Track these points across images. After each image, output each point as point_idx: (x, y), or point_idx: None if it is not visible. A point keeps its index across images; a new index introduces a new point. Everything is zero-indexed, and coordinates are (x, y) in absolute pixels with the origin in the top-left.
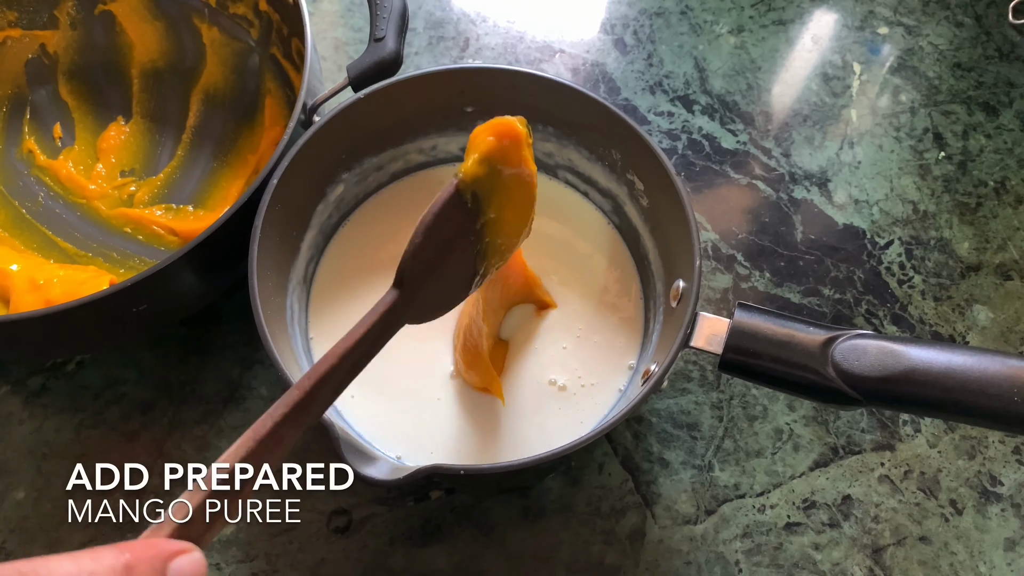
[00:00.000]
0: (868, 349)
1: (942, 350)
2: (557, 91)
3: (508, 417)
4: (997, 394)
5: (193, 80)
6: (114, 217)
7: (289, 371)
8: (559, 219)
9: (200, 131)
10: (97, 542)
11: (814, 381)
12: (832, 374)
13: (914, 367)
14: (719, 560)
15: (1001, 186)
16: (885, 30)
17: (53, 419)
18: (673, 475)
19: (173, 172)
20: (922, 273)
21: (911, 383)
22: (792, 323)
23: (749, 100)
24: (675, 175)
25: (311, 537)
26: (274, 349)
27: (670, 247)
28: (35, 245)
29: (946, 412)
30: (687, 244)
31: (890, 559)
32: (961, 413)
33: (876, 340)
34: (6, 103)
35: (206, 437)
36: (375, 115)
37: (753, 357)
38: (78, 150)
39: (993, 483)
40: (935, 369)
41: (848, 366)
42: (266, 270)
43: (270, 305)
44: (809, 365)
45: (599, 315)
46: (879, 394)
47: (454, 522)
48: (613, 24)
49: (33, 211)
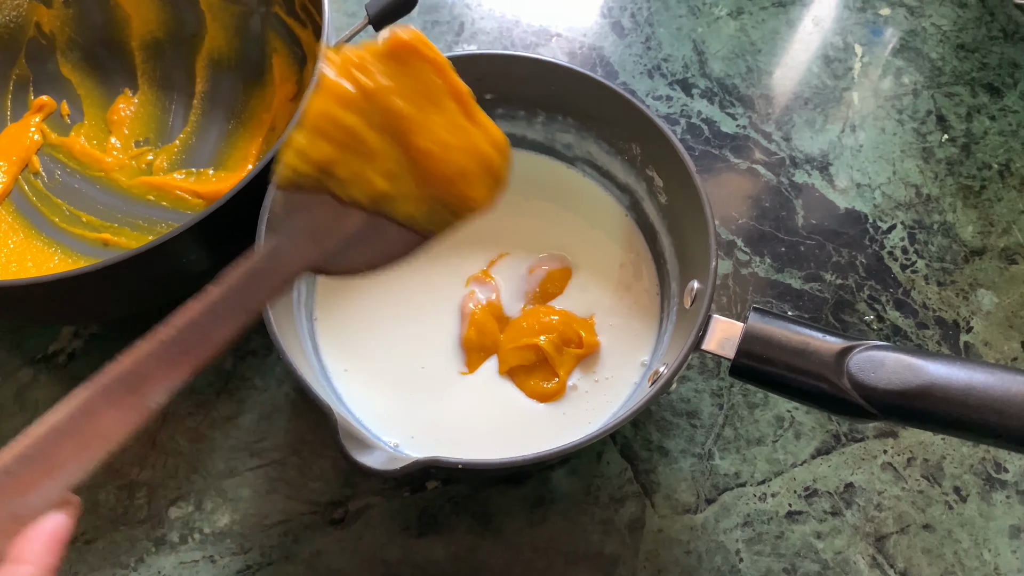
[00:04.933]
0: (885, 361)
1: (963, 366)
2: (578, 81)
3: (512, 409)
4: (1019, 415)
5: (196, 48)
6: (135, 187)
7: (291, 353)
8: (577, 209)
9: (210, 96)
10: (89, 535)
11: (828, 392)
12: (847, 385)
13: (933, 382)
14: (719, 549)
15: (1006, 168)
16: (887, 11)
17: (45, 411)
18: (673, 464)
19: (188, 138)
20: (925, 258)
21: (929, 399)
22: (807, 330)
23: (749, 83)
24: (695, 172)
25: (306, 529)
26: (277, 332)
27: (687, 246)
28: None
29: (965, 431)
30: (704, 244)
31: (893, 547)
32: (981, 433)
33: (894, 352)
34: (9, 84)
35: (199, 428)
36: None
37: (766, 364)
38: (88, 125)
39: (998, 470)
40: (955, 386)
41: (864, 378)
42: None
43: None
44: (823, 375)
45: (614, 309)
46: (895, 409)
47: (451, 512)
48: (610, 7)
49: (51, 187)
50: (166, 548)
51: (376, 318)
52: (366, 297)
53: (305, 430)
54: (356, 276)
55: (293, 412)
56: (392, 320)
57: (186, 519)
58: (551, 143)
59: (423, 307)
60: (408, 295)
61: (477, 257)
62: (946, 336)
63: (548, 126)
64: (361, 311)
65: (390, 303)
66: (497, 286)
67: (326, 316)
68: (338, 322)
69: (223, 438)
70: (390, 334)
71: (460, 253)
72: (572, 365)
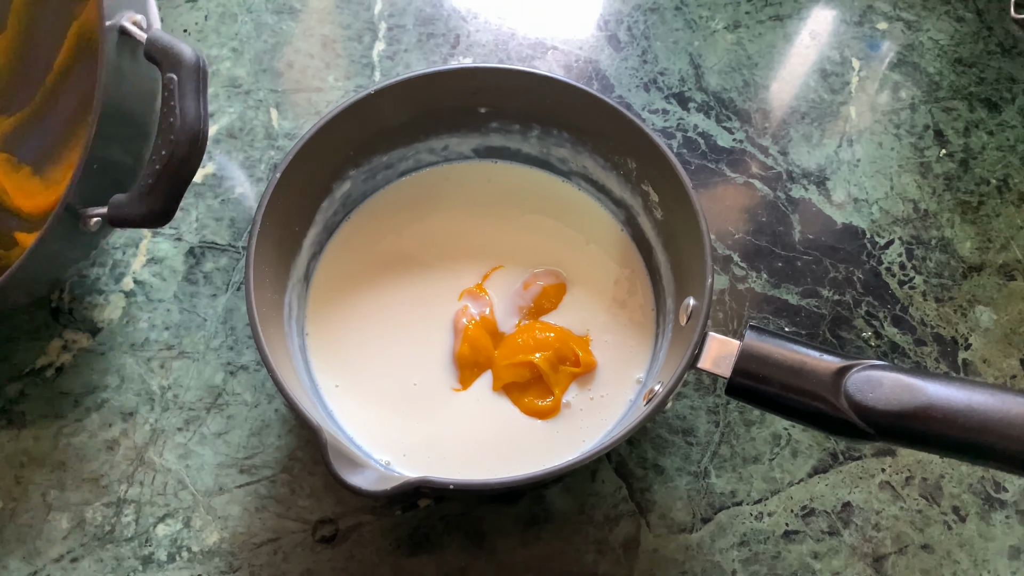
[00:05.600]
0: (883, 381)
1: (962, 387)
2: (574, 95)
3: (505, 426)
4: (1018, 437)
5: (75, 12)
6: None
7: (281, 369)
8: (572, 223)
9: (67, 78)
10: (75, 554)
11: (825, 412)
12: (844, 405)
13: (932, 403)
14: (715, 569)
15: (1004, 184)
16: (884, 25)
17: (31, 427)
18: (668, 482)
19: (26, 118)
20: (923, 273)
21: (928, 420)
22: (804, 349)
23: (745, 97)
24: (691, 188)
25: (296, 547)
26: (266, 349)
27: (682, 262)
28: None
29: (964, 454)
30: (700, 261)
31: (891, 568)
32: (980, 456)
33: (892, 372)
34: None
35: (188, 444)
36: (385, 112)
37: (762, 383)
38: None
39: (997, 489)
40: (954, 407)
41: (861, 398)
42: (264, 266)
43: (266, 303)
44: (820, 395)
45: (609, 326)
46: (893, 430)
47: (443, 531)
48: (607, 20)
49: None
50: (153, 567)
51: (368, 333)
52: (358, 312)
53: (296, 447)
54: None
55: (284, 428)
56: (384, 335)
57: (174, 537)
58: (546, 157)
59: (415, 322)
60: (400, 309)
61: (470, 270)
62: (944, 353)
63: (543, 140)
64: (353, 326)
65: (382, 318)
66: (491, 300)
67: (317, 331)
68: (329, 337)
69: (212, 455)
70: (382, 349)
71: (453, 266)
72: (567, 383)
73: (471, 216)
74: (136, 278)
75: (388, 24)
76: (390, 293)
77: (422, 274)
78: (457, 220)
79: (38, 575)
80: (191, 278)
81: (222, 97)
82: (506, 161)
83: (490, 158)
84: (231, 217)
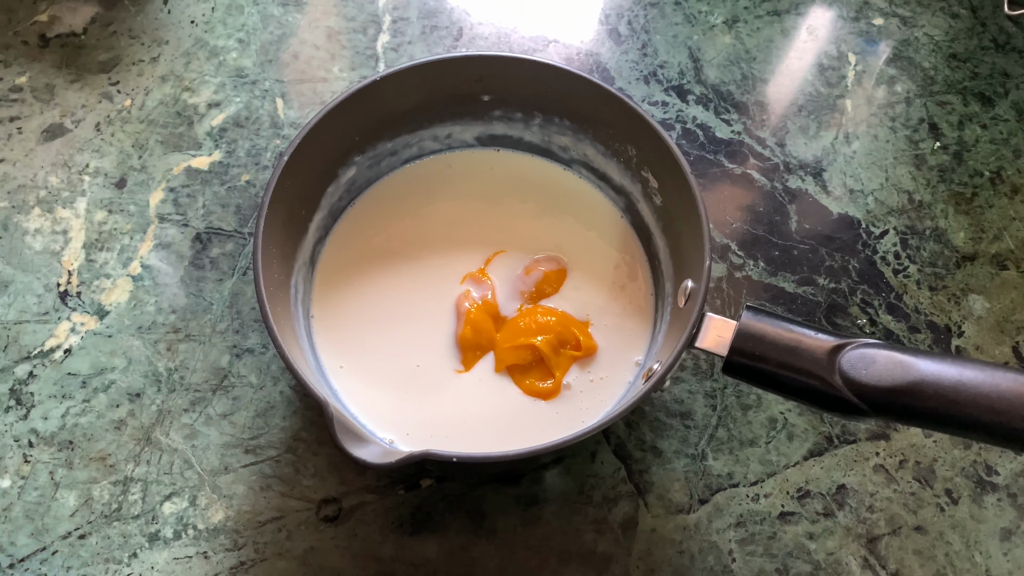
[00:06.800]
0: (876, 358)
1: (953, 363)
2: (575, 83)
3: (506, 407)
4: (1007, 411)
5: None
6: None
7: (288, 349)
8: (572, 210)
9: None
10: (82, 531)
11: (820, 389)
12: (839, 382)
13: (923, 379)
14: (712, 549)
15: (997, 176)
16: (880, 21)
17: (40, 407)
18: (666, 464)
19: None
20: (917, 263)
21: (919, 396)
22: (800, 328)
23: (744, 90)
24: (690, 173)
25: (300, 525)
26: (274, 328)
27: (681, 246)
28: None
29: (954, 428)
30: (698, 244)
31: (885, 549)
32: (969, 429)
33: (885, 350)
34: None
35: (195, 425)
36: (390, 99)
37: (758, 361)
38: None
39: (989, 472)
40: (945, 382)
41: (855, 375)
42: (271, 248)
43: (273, 284)
44: (815, 372)
45: (608, 309)
46: (886, 405)
47: (445, 510)
48: (607, 14)
49: None
50: (160, 544)
51: (372, 315)
52: (362, 294)
53: (300, 427)
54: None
55: (288, 410)
56: (388, 317)
57: (180, 515)
58: (548, 145)
59: (419, 305)
60: (404, 292)
61: (473, 256)
62: (938, 340)
63: (545, 128)
64: (357, 308)
65: (386, 301)
66: (493, 285)
67: (323, 313)
68: (335, 319)
69: (218, 435)
70: (386, 331)
71: (456, 251)
72: (568, 366)
73: (474, 202)
74: (144, 262)
75: (392, 17)
76: (394, 277)
77: (425, 259)
78: (460, 206)
79: (46, 551)
80: (198, 263)
81: (228, 87)
82: (508, 149)
83: (492, 146)
84: (237, 204)
